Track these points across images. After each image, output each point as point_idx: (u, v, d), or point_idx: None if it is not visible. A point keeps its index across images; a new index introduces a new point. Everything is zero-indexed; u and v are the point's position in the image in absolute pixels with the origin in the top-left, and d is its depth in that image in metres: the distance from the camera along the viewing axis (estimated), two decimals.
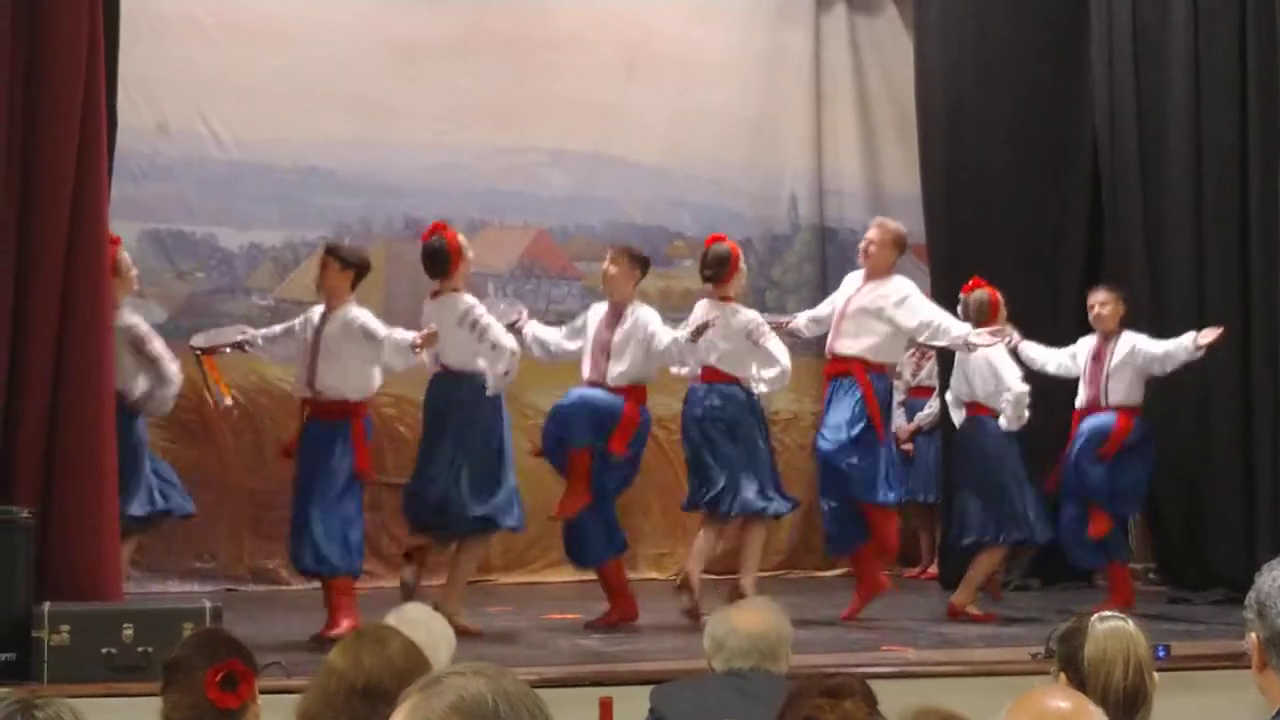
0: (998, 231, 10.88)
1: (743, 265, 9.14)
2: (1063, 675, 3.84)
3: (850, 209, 12.55)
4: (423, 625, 4.21)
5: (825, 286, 12.43)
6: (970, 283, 9.48)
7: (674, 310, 12.08)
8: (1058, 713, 2.83)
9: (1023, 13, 11.03)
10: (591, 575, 9.30)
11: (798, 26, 12.44)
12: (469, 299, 8.50)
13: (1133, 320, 9.41)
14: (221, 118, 10.99)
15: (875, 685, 3.59)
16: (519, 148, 11.74)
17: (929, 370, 11.58)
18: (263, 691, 3.79)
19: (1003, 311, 9.29)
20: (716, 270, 8.95)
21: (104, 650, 6.61)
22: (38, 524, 6.93)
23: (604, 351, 8.67)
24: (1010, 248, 10.85)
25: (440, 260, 8.50)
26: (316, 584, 9.17)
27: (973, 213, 10.95)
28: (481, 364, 8.32)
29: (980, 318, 9.16)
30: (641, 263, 8.91)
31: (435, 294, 8.53)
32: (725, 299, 8.94)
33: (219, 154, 10.97)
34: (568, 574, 11.22)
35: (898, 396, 11.56)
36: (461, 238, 8.73)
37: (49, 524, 7.06)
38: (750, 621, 4.52)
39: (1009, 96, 10.98)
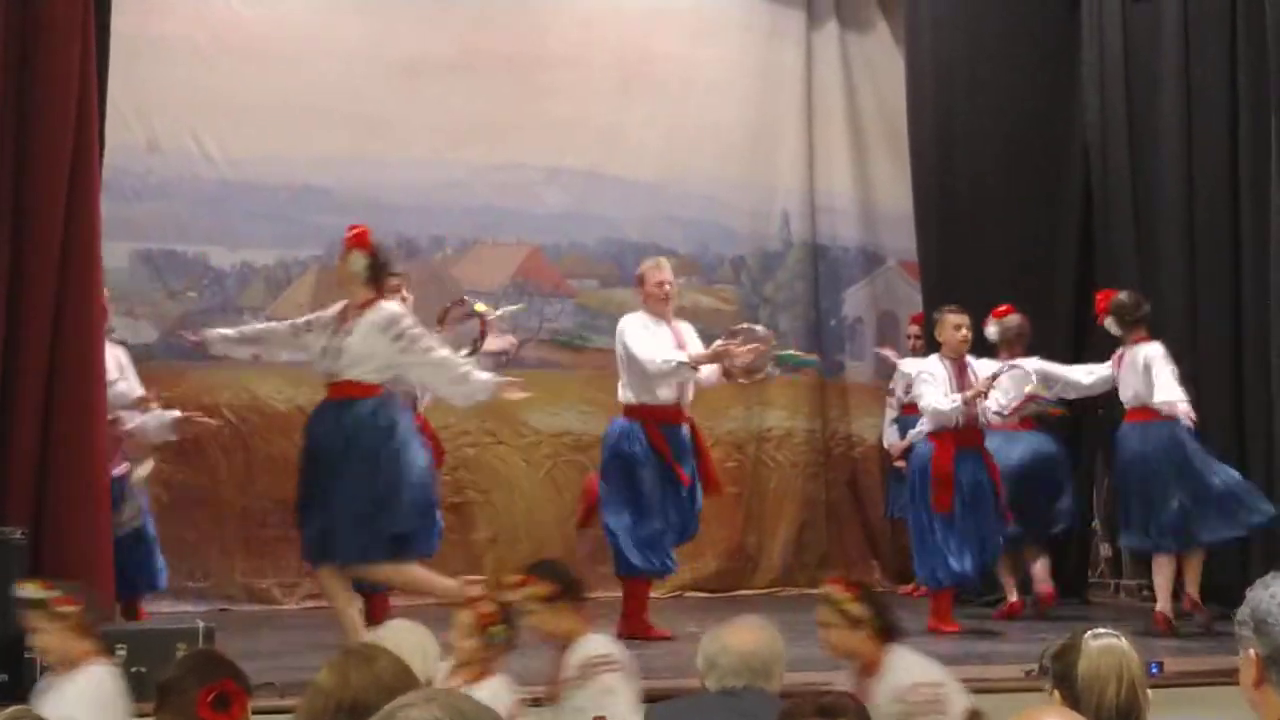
0: (990, 248, 10.89)
1: None
2: (1056, 692, 3.84)
3: (842, 226, 12.58)
4: (406, 641, 4.20)
5: (817, 303, 12.46)
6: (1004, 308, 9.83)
7: None
8: None
9: (1014, 29, 11.04)
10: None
11: (790, 44, 12.46)
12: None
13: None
14: (214, 136, 10.98)
15: None
16: (514, 165, 11.73)
17: None
18: (255, 711, 3.79)
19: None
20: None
21: None
22: (30, 545, 6.92)
23: None
24: (1002, 264, 10.86)
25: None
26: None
27: (964, 229, 10.96)
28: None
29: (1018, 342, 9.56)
30: None
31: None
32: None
33: (211, 173, 10.95)
34: None
35: (890, 414, 11.56)
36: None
37: (42, 545, 7.04)
38: (743, 640, 4.51)
39: (1000, 113, 10.99)
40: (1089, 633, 3.90)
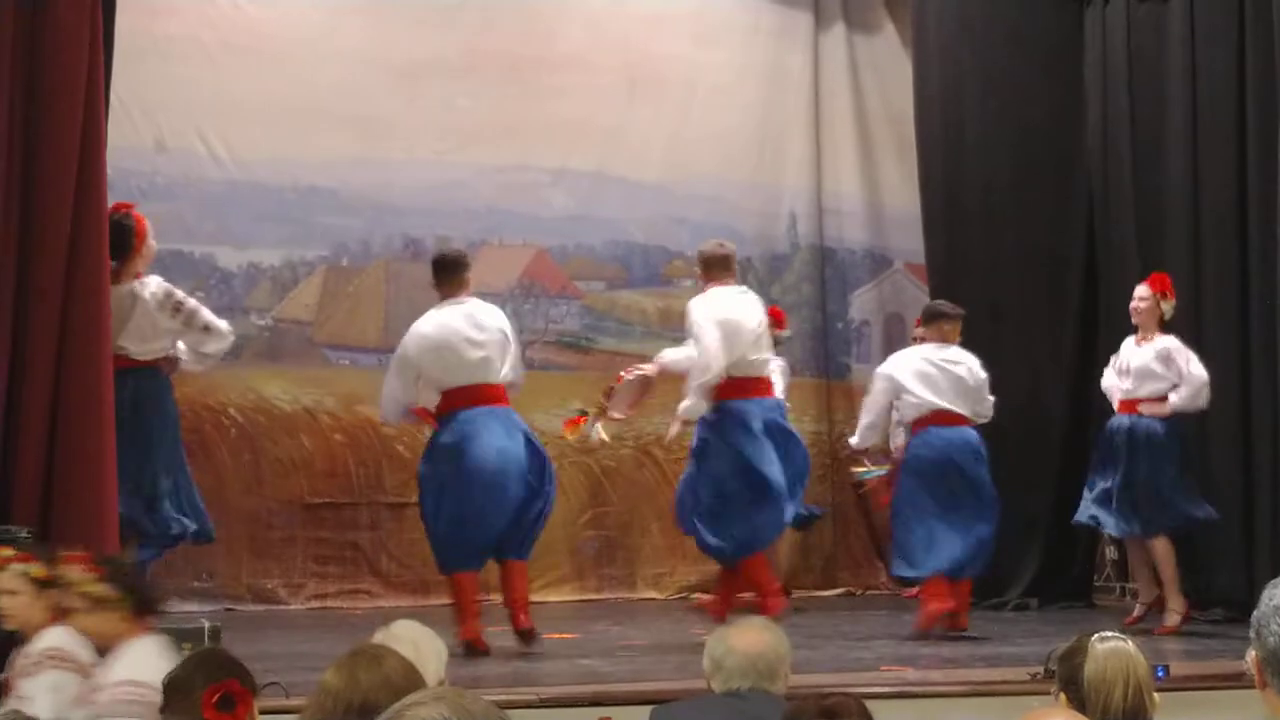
0: (997, 250, 10.89)
1: None
2: (1063, 695, 3.84)
3: (849, 228, 12.58)
4: (411, 643, 4.19)
5: (824, 306, 12.46)
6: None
7: (673, 329, 12.15)
8: None
9: (1021, 32, 11.04)
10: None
11: (797, 46, 12.45)
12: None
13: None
14: (220, 137, 10.99)
15: (874, 705, 3.59)
16: (520, 167, 11.74)
17: None
18: (262, 712, 3.80)
19: None
20: None
21: None
22: (36, 542, 6.91)
23: None
24: (1009, 266, 10.86)
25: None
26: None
27: (972, 231, 10.96)
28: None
29: None
30: None
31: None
32: None
33: (217, 173, 10.96)
34: (566, 593, 11.24)
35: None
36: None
37: (47, 542, 7.03)
38: (748, 642, 4.51)
39: (1007, 115, 10.99)
40: (1095, 635, 3.91)
